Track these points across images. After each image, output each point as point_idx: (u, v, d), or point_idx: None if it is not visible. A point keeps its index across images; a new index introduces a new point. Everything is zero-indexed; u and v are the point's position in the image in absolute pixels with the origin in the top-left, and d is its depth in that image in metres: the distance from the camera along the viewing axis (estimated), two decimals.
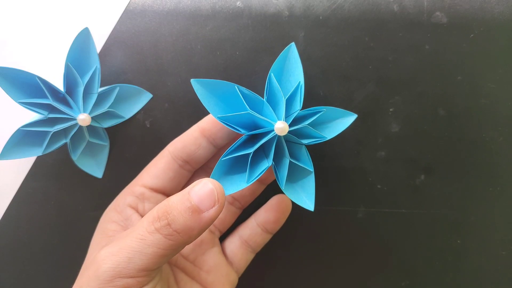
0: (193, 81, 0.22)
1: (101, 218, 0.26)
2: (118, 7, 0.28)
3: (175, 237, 0.20)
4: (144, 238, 0.20)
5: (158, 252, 0.20)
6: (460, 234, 0.29)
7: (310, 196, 0.23)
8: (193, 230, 0.20)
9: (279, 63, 0.24)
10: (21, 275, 0.29)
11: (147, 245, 0.20)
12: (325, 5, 0.27)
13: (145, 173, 0.26)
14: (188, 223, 0.20)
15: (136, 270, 0.19)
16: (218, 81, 0.23)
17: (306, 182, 0.24)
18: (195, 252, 0.26)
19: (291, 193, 0.23)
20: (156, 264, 0.20)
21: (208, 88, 0.23)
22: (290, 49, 0.24)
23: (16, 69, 0.23)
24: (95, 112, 0.26)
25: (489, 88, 0.28)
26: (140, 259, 0.19)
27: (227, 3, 0.28)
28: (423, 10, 0.27)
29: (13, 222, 0.29)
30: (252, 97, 0.23)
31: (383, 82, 0.28)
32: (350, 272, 0.29)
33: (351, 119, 0.24)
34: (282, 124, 0.22)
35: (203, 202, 0.20)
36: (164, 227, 0.20)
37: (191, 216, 0.20)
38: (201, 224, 0.20)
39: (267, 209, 0.27)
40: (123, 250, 0.20)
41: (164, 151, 0.26)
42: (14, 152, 0.25)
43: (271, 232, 0.27)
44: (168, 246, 0.20)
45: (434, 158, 0.28)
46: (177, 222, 0.20)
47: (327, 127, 0.24)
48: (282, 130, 0.22)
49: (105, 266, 0.20)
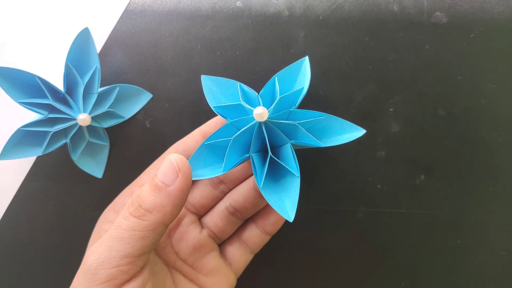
0: (203, 77, 0.24)
1: (99, 218, 0.26)
2: (118, 7, 0.28)
3: (148, 216, 0.20)
4: (120, 224, 0.20)
5: (135, 234, 0.20)
6: (460, 234, 0.29)
7: (292, 204, 0.21)
8: (164, 207, 0.20)
9: (290, 73, 0.24)
10: (21, 275, 0.29)
11: (123, 230, 0.20)
12: (325, 5, 0.27)
13: (145, 175, 0.26)
14: (157, 200, 0.20)
15: (118, 257, 0.20)
16: (224, 79, 0.23)
17: (291, 187, 0.21)
18: (193, 256, 0.26)
19: (270, 195, 0.21)
20: (138, 249, 0.20)
21: (216, 85, 0.24)
22: (303, 62, 0.24)
23: (16, 69, 0.23)
24: (95, 112, 0.26)
25: (489, 88, 0.28)
26: (120, 244, 0.20)
27: (227, 3, 0.28)
28: (423, 10, 0.27)
29: (13, 222, 0.29)
30: (250, 93, 0.23)
31: (383, 82, 0.28)
32: (350, 272, 0.29)
33: (359, 134, 0.22)
34: (260, 110, 0.21)
35: (166, 176, 0.20)
36: (136, 210, 0.20)
37: (158, 193, 0.20)
38: (170, 199, 0.20)
39: (266, 210, 0.27)
40: (105, 241, 0.20)
41: (165, 154, 0.26)
42: (14, 152, 0.25)
43: (269, 233, 0.27)
44: (144, 227, 0.20)
45: (434, 158, 0.28)
46: (147, 202, 0.20)
47: (331, 137, 0.23)
48: (260, 116, 0.21)
49: (89, 260, 0.20)
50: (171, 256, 0.25)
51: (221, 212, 0.26)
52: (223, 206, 0.26)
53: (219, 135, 0.22)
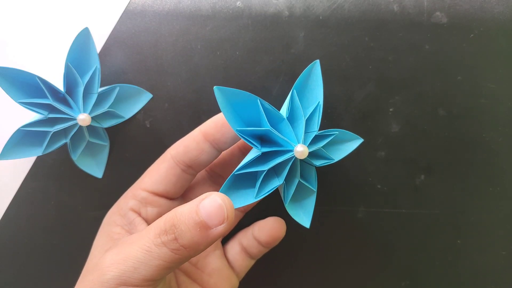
0: (215, 89, 0.21)
1: (104, 220, 0.26)
2: (118, 7, 0.28)
3: (182, 252, 0.19)
4: (150, 250, 0.20)
5: (163, 264, 0.19)
6: (460, 234, 0.29)
7: (308, 214, 0.24)
8: (199, 246, 0.19)
9: (302, 78, 0.23)
10: (21, 275, 0.29)
11: (153, 258, 0.19)
12: (325, 5, 0.27)
13: (147, 178, 0.25)
14: (196, 239, 0.19)
15: (140, 280, 0.20)
16: (240, 91, 0.22)
17: (307, 200, 0.24)
18: (197, 255, 0.26)
19: (291, 209, 0.23)
20: (161, 276, 0.20)
21: (228, 97, 0.22)
22: (314, 66, 0.23)
23: (16, 69, 0.23)
24: (95, 112, 0.26)
25: (489, 88, 0.28)
26: (145, 270, 0.19)
27: (227, 3, 0.28)
28: (423, 10, 0.27)
29: (13, 222, 0.29)
30: (272, 111, 0.22)
31: (383, 82, 0.28)
32: (350, 272, 0.29)
33: (357, 142, 0.24)
34: (302, 148, 0.21)
35: (211, 218, 0.19)
36: (171, 242, 0.19)
37: (198, 232, 0.19)
38: (208, 240, 0.19)
39: (261, 228, 0.27)
40: (129, 259, 0.20)
41: (166, 155, 0.25)
42: (14, 152, 0.25)
43: (266, 247, 0.27)
44: (174, 260, 0.20)
45: (434, 158, 0.28)
46: (184, 238, 0.19)
47: (334, 148, 0.24)
48: (302, 154, 0.21)
49: (110, 273, 0.20)
50: None
51: None
52: None
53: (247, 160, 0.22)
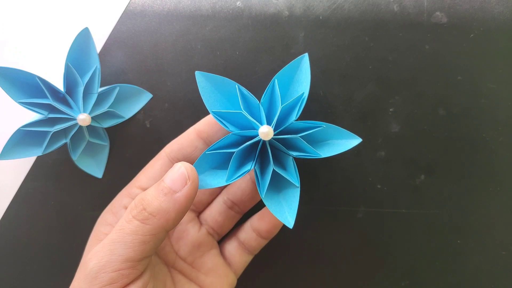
0: (197, 73, 0.22)
1: (98, 220, 0.26)
2: (118, 7, 0.28)
3: (152, 220, 0.20)
4: (122, 227, 0.20)
5: (137, 238, 0.20)
6: (460, 234, 0.29)
7: (292, 212, 0.22)
8: (169, 212, 0.20)
9: (289, 71, 0.23)
10: (21, 275, 0.29)
11: (125, 234, 0.20)
12: (325, 5, 0.27)
13: (142, 175, 0.26)
14: (163, 205, 0.20)
15: (119, 261, 0.20)
16: (220, 77, 0.22)
17: (291, 196, 0.23)
18: (193, 255, 0.26)
19: (271, 204, 0.22)
20: (139, 253, 0.20)
21: (211, 82, 0.23)
22: (302, 59, 0.23)
23: (16, 69, 0.23)
24: (95, 112, 0.26)
25: (489, 88, 0.28)
26: (122, 248, 0.20)
27: (227, 3, 0.28)
28: (423, 10, 0.27)
29: (13, 222, 0.29)
30: (250, 99, 0.23)
31: (383, 82, 0.28)
32: (350, 272, 0.29)
33: (355, 142, 0.23)
34: (266, 129, 0.21)
35: (175, 183, 0.20)
36: (140, 213, 0.20)
37: (164, 198, 0.20)
38: (176, 205, 0.20)
39: (260, 217, 0.27)
40: (105, 244, 0.20)
41: (161, 153, 0.26)
42: (14, 152, 0.25)
43: (265, 238, 0.27)
44: (147, 231, 0.20)
45: (434, 158, 0.28)
46: (151, 206, 0.20)
47: (327, 145, 0.23)
48: (266, 135, 0.21)
49: (91, 264, 0.20)
50: (170, 255, 0.25)
51: (219, 206, 0.27)
52: (221, 200, 0.27)
53: (221, 143, 0.22)
